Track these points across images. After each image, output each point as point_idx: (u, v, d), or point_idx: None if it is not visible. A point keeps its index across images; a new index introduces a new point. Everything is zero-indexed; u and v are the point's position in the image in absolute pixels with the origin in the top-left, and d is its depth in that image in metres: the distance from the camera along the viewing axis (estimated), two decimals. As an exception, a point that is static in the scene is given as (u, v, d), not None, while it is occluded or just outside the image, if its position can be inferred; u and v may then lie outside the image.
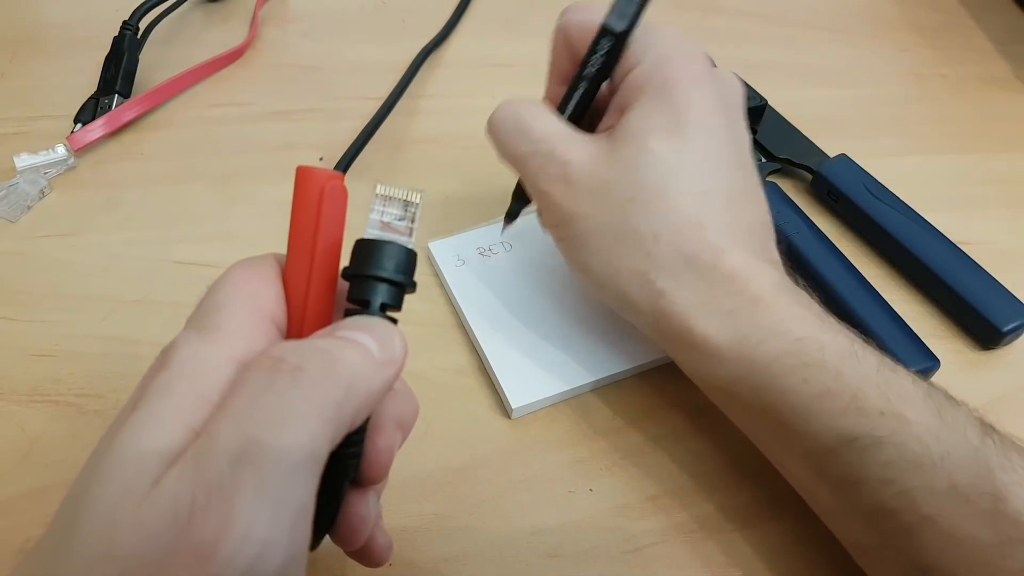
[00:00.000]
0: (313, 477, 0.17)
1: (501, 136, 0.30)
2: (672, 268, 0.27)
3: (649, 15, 0.26)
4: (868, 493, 0.25)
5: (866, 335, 0.33)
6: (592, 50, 0.29)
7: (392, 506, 0.28)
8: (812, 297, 0.28)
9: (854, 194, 0.40)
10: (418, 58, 0.49)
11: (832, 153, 0.43)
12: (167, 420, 0.17)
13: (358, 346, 0.19)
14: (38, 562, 0.17)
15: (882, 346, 0.33)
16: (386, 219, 0.21)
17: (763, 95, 0.45)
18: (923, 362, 0.33)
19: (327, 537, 0.23)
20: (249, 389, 0.18)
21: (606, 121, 0.30)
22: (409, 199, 0.22)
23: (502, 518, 0.30)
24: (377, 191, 0.21)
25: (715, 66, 0.30)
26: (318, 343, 0.19)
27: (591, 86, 0.30)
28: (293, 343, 0.19)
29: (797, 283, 0.28)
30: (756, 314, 0.26)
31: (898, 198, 0.40)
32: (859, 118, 0.48)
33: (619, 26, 0.28)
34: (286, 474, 0.16)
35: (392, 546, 0.25)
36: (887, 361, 0.26)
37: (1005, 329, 0.35)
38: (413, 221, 0.22)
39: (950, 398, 0.26)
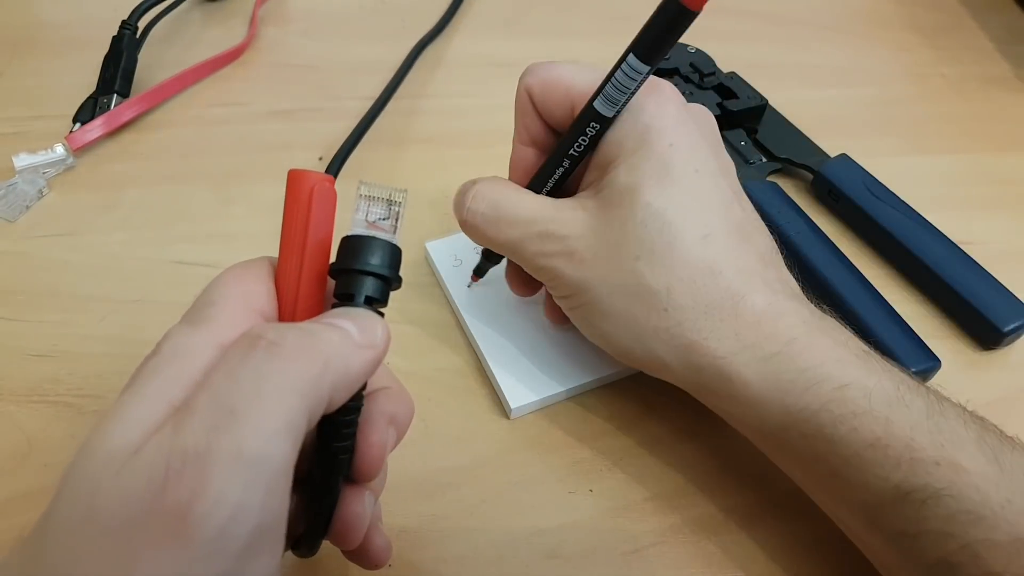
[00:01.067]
0: (289, 447, 0.18)
1: (482, 228, 0.29)
2: (695, 319, 0.26)
3: (648, 13, 0.26)
4: (928, 547, 0.24)
5: (866, 335, 0.33)
6: (579, 131, 0.27)
7: (391, 507, 0.28)
8: (844, 327, 0.27)
9: (854, 194, 0.40)
10: (412, 52, 0.49)
11: (832, 153, 0.43)
12: (151, 398, 0.18)
13: (338, 329, 0.20)
14: (32, 532, 0.18)
15: (882, 346, 0.33)
16: (371, 218, 0.22)
17: (763, 95, 0.44)
18: (923, 362, 0.33)
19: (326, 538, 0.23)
20: (227, 364, 0.18)
21: (587, 179, 0.29)
22: (392, 198, 0.22)
23: (502, 518, 0.30)
24: (360, 192, 0.22)
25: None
26: (298, 324, 0.20)
27: (573, 165, 0.29)
28: (273, 324, 0.20)
29: (823, 311, 0.28)
30: (794, 358, 0.25)
31: (898, 198, 0.40)
32: (859, 118, 0.48)
33: (609, 113, 0.27)
34: (261, 442, 0.17)
35: (391, 547, 0.25)
36: (934, 401, 0.25)
37: (1005, 329, 0.35)
38: (397, 220, 0.22)
39: (1004, 438, 0.25)
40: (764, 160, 0.43)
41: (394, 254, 0.22)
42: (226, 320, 0.20)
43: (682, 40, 0.48)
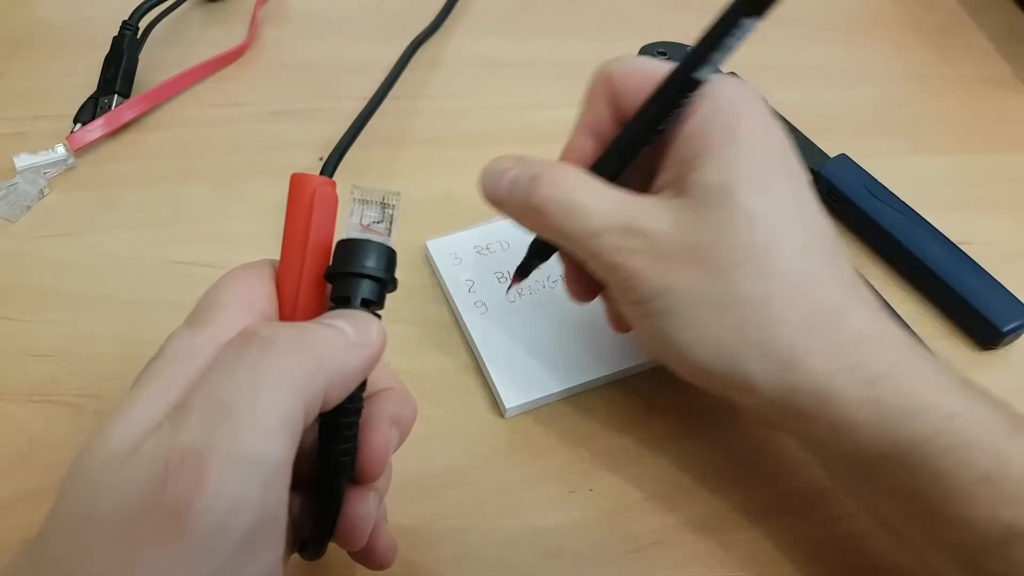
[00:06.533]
0: (286, 442, 0.18)
1: (556, 216, 0.26)
2: (794, 335, 0.24)
3: (648, 13, 0.26)
4: None
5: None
6: (672, 103, 0.25)
7: (392, 506, 0.28)
8: (937, 355, 0.26)
9: (854, 194, 0.40)
10: (407, 51, 0.49)
11: (832, 153, 0.43)
12: (152, 398, 0.19)
13: (332, 327, 0.20)
14: (37, 533, 0.18)
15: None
16: (365, 221, 0.22)
17: (763, 95, 0.44)
18: (923, 362, 0.33)
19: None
20: (222, 362, 0.19)
21: (664, 177, 0.27)
22: (386, 201, 0.22)
23: (502, 518, 0.30)
24: (354, 195, 0.22)
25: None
26: (293, 323, 0.20)
27: (647, 147, 0.26)
28: (268, 322, 0.20)
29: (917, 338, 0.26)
30: (901, 383, 0.24)
31: (898, 198, 0.40)
32: (859, 118, 0.48)
33: (707, 76, 0.24)
34: (257, 437, 0.17)
35: (396, 548, 0.25)
36: None
37: (1005, 329, 0.35)
38: (391, 222, 0.22)
39: None
40: (764, 160, 0.43)
41: (389, 256, 0.22)
42: (227, 322, 0.20)
43: (682, 41, 0.48)
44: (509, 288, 0.34)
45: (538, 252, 0.31)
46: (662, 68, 0.26)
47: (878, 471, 0.24)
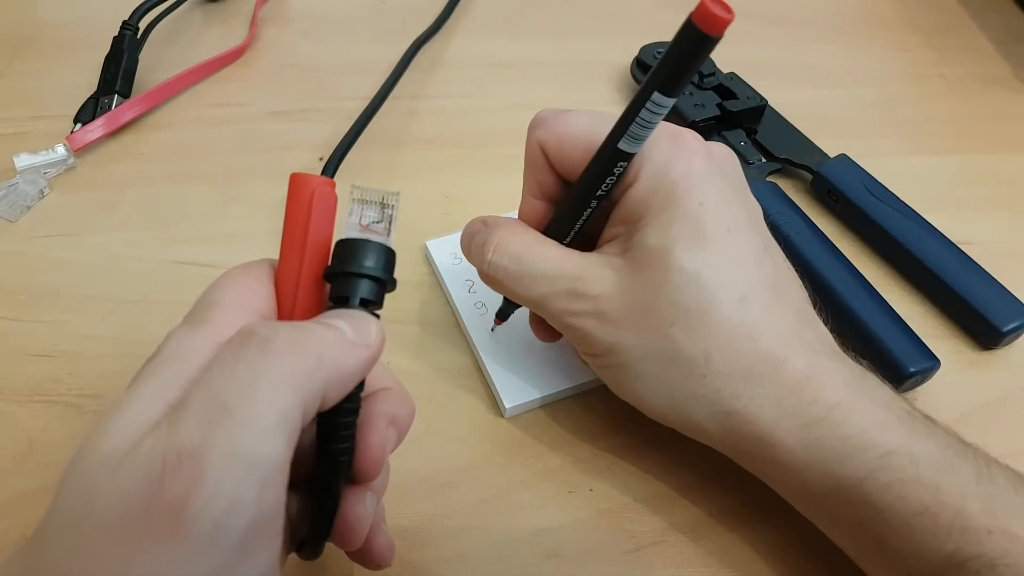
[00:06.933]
0: (283, 441, 0.18)
1: (506, 284, 0.28)
2: (733, 386, 0.26)
3: (648, 13, 0.26)
4: None
5: (866, 335, 0.34)
6: (606, 172, 0.26)
7: (392, 506, 0.28)
8: (884, 383, 0.27)
9: (854, 194, 0.40)
10: (408, 52, 0.49)
11: (832, 153, 0.43)
12: (149, 397, 0.18)
13: (331, 327, 0.20)
14: (34, 531, 0.18)
15: (882, 346, 0.33)
16: (364, 222, 0.22)
17: (763, 95, 0.45)
18: (923, 362, 0.33)
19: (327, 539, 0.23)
20: (220, 361, 0.19)
21: (608, 233, 0.28)
22: (385, 201, 0.22)
23: (502, 518, 0.30)
24: (353, 195, 0.22)
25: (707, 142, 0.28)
26: (291, 322, 0.20)
27: (593, 210, 0.27)
28: (267, 321, 0.20)
29: (861, 364, 0.27)
30: (838, 425, 0.25)
31: (898, 198, 0.40)
32: (859, 118, 0.48)
33: (635, 150, 0.25)
34: (255, 437, 0.17)
35: (394, 548, 0.25)
36: (982, 465, 0.25)
37: (1005, 329, 0.35)
38: (390, 222, 0.22)
39: None
40: (764, 160, 0.43)
41: (388, 256, 0.22)
42: (226, 321, 0.20)
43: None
44: (493, 329, 0.34)
45: (510, 301, 0.32)
46: (591, 130, 0.27)
47: (826, 506, 0.26)
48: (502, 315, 0.33)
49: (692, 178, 0.26)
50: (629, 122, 0.24)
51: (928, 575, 0.24)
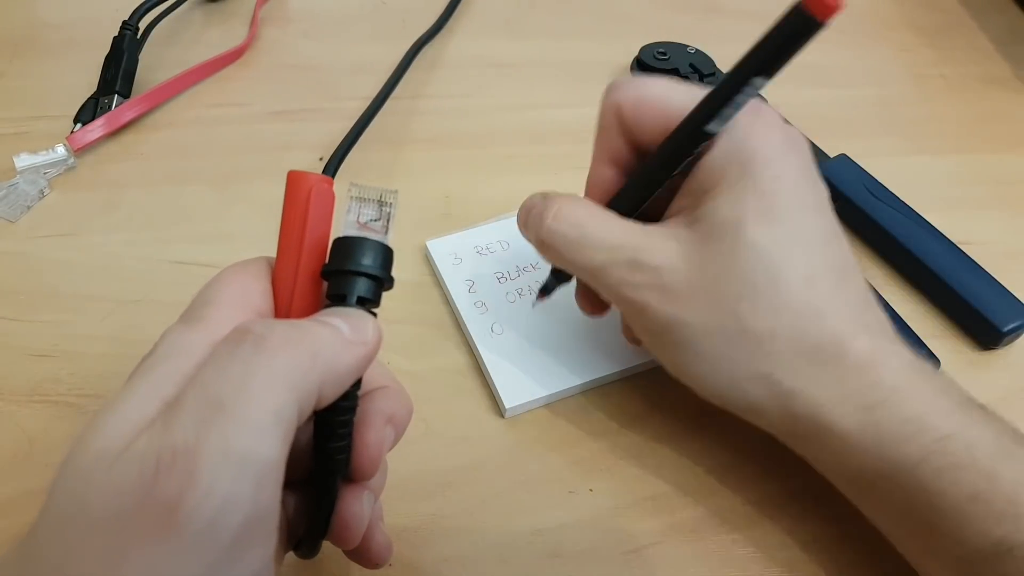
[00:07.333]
0: (278, 439, 0.18)
1: (564, 251, 0.28)
2: (797, 365, 0.25)
3: (648, 13, 0.26)
4: None
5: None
6: (686, 151, 0.26)
7: (392, 506, 0.28)
8: (941, 373, 0.27)
9: (854, 194, 0.40)
10: (410, 52, 0.49)
11: (832, 153, 0.43)
12: (144, 395, 0.18)
13: (327, 325, 0.20)
14: (29, 529, 0.18)
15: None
16: (362, 220, 0.22)
17: (763, 95, 0.44)
18: (923, 362, 0.33)
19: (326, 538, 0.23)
20: (215, 359, 0.19)
21: (677, 204, 0.27)
22: (383, 199, 0.22)
23: (502, 518, 0.30)
24: (351, 193, 0.22)
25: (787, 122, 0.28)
26: (287, 320, 0.20)
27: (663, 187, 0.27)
28: (262, 319, 0.20)
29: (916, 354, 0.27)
30: (897, 409, 0.25)
31: (898, 198, 0.40)
32: (859, 118, 0.48)
33: (719, 129, 0.25)
34: (250, 434, 0.17)
35: (391, 547, 0.25)
36: None
37: (1005, 329, 0.35)
38: (388, 220, 0.22)
39: None
40: (764, 160, 0.43)
41: (386, 255, 0.22)
42: (222, 319, 0.20)
43: (682, 41, 0.48)
44: (535, 304, 0.34)
45: (558, 275, 0.32)
46: (670, 94, 0.27)
47: (877, 489, 0.26)
48: (546, 290, 0.32)
49: (770, 151, 0.26)
50: (721, 104, 0.24)
51: (975, 561, 0.24)
